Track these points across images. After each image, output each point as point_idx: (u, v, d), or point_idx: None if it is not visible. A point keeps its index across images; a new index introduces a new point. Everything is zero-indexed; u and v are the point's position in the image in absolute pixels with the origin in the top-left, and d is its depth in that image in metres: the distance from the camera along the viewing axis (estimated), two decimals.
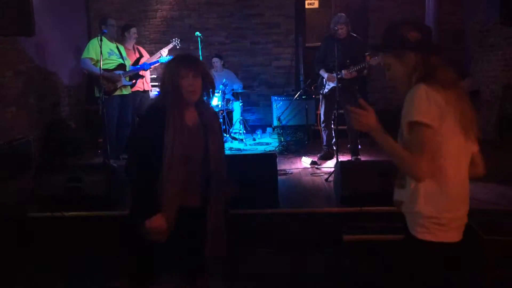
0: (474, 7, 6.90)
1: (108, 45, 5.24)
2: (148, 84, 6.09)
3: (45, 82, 6.09)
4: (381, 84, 7.26)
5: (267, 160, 3.82)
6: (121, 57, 5.39)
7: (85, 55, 5.22)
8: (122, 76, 5.29)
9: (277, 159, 3.88)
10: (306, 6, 7.90)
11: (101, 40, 4.79)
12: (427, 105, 1.58)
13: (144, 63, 5.70)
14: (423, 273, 1.71)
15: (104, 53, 5.08)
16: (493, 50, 6.34)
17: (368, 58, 4.81)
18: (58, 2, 6.38)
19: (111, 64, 5.25)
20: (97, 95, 5.16)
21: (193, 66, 2.14)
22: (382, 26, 7.44)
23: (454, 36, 7.19)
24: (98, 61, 5.07)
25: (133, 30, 5.86)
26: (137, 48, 6.02)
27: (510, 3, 3.76)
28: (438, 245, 1.64)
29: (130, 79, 5.49)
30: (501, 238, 2.39)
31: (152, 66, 5.77)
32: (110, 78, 5.18)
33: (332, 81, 5.09)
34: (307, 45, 7.67)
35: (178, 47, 6.07)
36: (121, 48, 5.48)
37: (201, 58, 5.30)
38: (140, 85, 5.82)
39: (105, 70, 5.06)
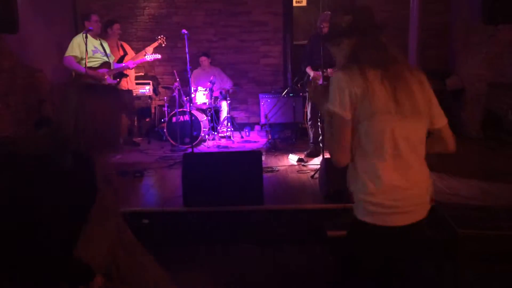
0: (459, 6, 6.98)
1: (93, 42, 5.18)
2: (132, 83, 6.08)
3: (31, 79, 6.04)
4: None
5: (252, 158, 3.83)
6: (106, 54, 5.34)
7: (68, 52, 5.13)
8: (106, 74, 5.26)
9: (264, 157, 3.92)
10: (294, 4, 7.93)
11: (86, 37, 4.77)
12: (340, 95, 1.60)
13: (129, 62, 5.67)
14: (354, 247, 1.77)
15: (89, 50, 5.04)
16: (477, 48, 6.42)
17: None
18: None
19: (96, 62, 5.21)
20: None
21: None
22: None
23: (439, 35, 7.27)
24: (82, 58, 5.04)
25: (116, 26, 5.82)
26: (121, 45, 5.98)
27: (491, 1, 3.81)
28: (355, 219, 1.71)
29: (114, 78, 5.47)
30: (475, 232, 2.43)
31: (136, 64, 5.75)
32: (94, 76, 5.13)
33: (318, 80, 5.13)
34: (295, 43, 7.70)
35: (163, 45, 6.06)
36: (105, 44, 5.42)
37: (187, 56, 5.30)
38: (124, 84, 5.80)
39: (89, 68, 5.03)
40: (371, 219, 1.66)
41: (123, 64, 5.61)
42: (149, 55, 5.72)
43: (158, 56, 5.85)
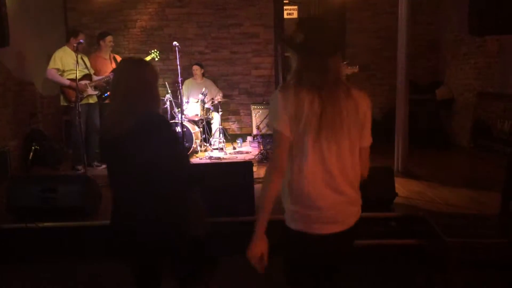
0: (447, 18, 7.09)
1: (72, 56, 5.22)
2: None
3: (22, 92, 6.03)
4: None
5: (243, 168, 3.83)
6: (86, 67, 5.50)
7: (51, 65, 5.32)
8: (88, 85, 5.39)
9: (256, 167, 3.91)
10: (285, 16, 7.99)
11: (77, 50, 4.86)
12: (280, 113, 1.66)
13: (111, 74, 5.68)
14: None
15: (70, 63, 5.28)
16: (466, 59, 6.52)
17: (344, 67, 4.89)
18: (35, 12, 6.34)
19: (78, 74, 5.23)
20: (64, 103, 5.42)
21: None
22: (360, 35, 7.51)
23: (428, 46, 7.38)
24: (64, 71, 5.32)
25: (109, 38, 5.83)
26: (114, 57, 5.99)
27: (477, 13, 3.87)
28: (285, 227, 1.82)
29: (104, 92, 5.52)
30: (463, 240, 2.44)
31: None
32: (77, 87, 5.16)
33: None
34: (286, 54, 7.75)
35: (156, 59, 6.07)
36: (85, 58, 5.61)
37: (179, 68, 5.32)
38: None
39: (72, 80, 5.17)
40: (295, 225, 1.74)
41: (103, 76, 5.62)
42: None
43: None
